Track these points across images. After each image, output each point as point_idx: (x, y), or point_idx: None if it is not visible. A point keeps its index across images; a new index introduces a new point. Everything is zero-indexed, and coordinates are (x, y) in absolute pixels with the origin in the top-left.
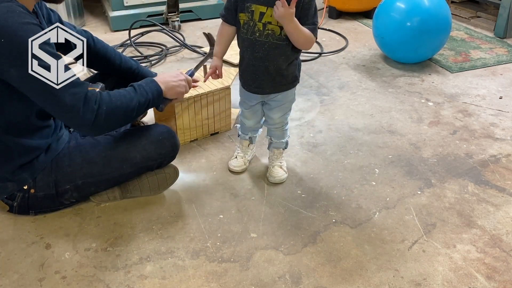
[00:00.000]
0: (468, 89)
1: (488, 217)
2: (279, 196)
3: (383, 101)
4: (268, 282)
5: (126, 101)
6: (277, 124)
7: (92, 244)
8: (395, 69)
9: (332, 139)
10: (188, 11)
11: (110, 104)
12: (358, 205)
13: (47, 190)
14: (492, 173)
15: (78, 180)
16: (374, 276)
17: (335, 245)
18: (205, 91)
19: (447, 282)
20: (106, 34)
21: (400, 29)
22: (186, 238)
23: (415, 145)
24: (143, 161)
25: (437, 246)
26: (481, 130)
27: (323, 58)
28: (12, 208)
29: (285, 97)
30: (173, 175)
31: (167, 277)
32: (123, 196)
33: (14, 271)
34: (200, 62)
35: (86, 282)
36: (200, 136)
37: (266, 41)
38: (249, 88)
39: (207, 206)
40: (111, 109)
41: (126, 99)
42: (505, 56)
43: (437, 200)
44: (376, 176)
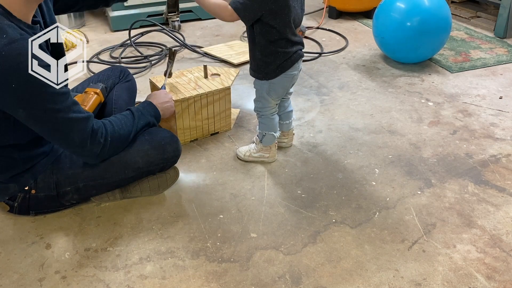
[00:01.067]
0: (468, 89)
1: (488, 217)
2: (279, 196)
3: (383, 101)
4: (268, 282)
5: (128, 129)
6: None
7: (92, 244)
8: (395, 69)
9: (332, 139)
10: (188, 11)
11: (114, 134)
12: (358, 205)
13: (48, 191)
14: (492, 173)
15: (79, 183)
16: (374, 276)
17: (335, 245)
18: (205, 91)
19: (447, 282)
20: (106, 34)
21: (400, 29)
22: (186, 238)
23: (415, 145)
24: (145, 166)
25: (437, 246)
26: (481, 130)
27: (323, 58)
28: (12, 208)
29: (255, 84)
30: (173, 175)
31: (167, 277)
32: (123, 196)
33: (14, 271)
34: (166, 71)
35: (86, 282)
36: (200, 136)
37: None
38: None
39: (207, 206)
40: (115, 139)
41: (128, 127)
42: (505, 56)
43: (437, 200)
44: (376, 176)
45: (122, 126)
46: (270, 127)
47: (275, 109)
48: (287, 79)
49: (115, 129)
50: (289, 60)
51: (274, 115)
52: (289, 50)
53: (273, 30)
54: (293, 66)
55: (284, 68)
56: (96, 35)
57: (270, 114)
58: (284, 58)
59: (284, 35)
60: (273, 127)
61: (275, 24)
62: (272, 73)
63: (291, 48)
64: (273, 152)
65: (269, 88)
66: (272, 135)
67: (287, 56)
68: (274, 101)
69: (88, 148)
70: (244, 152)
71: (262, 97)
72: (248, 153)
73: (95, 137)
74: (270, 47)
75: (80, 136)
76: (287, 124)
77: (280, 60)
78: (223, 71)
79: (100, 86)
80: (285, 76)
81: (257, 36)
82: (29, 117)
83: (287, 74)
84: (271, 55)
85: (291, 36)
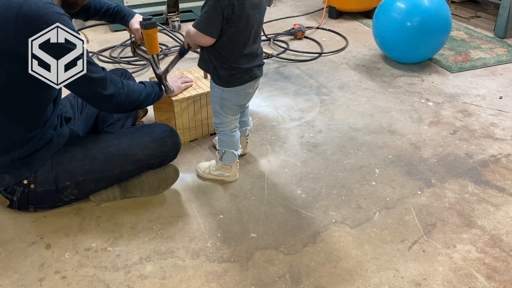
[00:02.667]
0: (468, 89)
1: (488, 217)
2: (279, 196)
3: (383, 101)
4: (268, 282)
5: (139, 89)
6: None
7: (92, 244)
8: (395, 69)
9: (332, 139)
10: (188, 11)
11: (128, 85)
12: (358, 205)
13: (47, 186)
14: (492, 173)
15: (79, 177)
16: (374, 276)
17: (335, 245)
18: (205, 91)
19: (447, 282)
20: (106, 34)
21: (400, 29)
22: (186, 238)
23: (415, 145)
24: (144, 159)
25: (437, 246)
26: (481, 130)
27: (323, 58)
28: (12, 203)
29: (211, 97)
30: (173, 175)
31: (167, 277)
32: (123, 196)
33: (14, 271)
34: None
35: (86, 282)
36: (200, 136)
37: None
38: None
39: (207, 206)
40: (130, 90)
41: (139, 87)
42: (505, 56)
43: (437, 200)
44: (376, 176)
45: (134, 85)
46: (230, 144)
47: (234, 125)
48: (239, 96)
49: (129, 83)
50: (241, 74)
51: (234, 131)
52: (238, 65)
53: (223, 37)
54: (247, 84)
55: (235, 80)
56: (96, 35)
57: (229, 130)
58: (235, 71)
59: (234, 44)
60: (233, 145)
61: (228, 30)
62: (221, 79)
63: (241, 63)
64: (233, 171)
65: (221, 103)
66: (233, 153)
67: (238, 70)
68: (232, 116)
69: (108, 84)
70: (204, 168)
71: (217, 112)
72: (208, 171)
73: (113, 79)
74: (215, 54)
75: (101, 75)
76: (242, 131)
77: (229, 72)
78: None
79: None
80: (236, 93)
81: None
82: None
83: (239, 91)
84: (219, 61)
85: (242, 48)
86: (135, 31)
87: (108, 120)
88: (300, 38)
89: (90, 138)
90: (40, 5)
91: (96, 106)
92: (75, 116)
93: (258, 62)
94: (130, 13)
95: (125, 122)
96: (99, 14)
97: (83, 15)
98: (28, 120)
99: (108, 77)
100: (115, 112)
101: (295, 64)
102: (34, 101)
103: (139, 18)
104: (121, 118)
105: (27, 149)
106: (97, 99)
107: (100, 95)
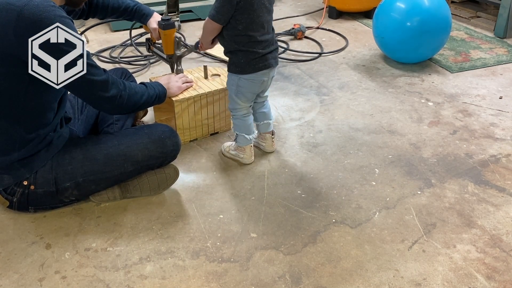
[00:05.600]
0: (468, 89)
1: (488, 217)
2: (279, 196)
3: (383, 101)
4: (268, 282)
5: (141, 90)
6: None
7: (92, 244)
8: (395, 69)
9: (332, 139)
10: (188, 11)
11: (130, 86)
12: (358, 205)
13: (47, 187)
14: (492, 173)
15: (79, 178)
16: (374, 276)
17: (335, 245)
18: (205, 91)
19: (447, 282)
20: (106, 34)
21: (400, 29)
22: (186, 238)
23: (415, 145)
24: (144, 159)
25: (437, 246)
26: (481, 130)
27: (323, 58)
28: (12, 204)
29: (227, 82)
30: (173, 175)
31: (167, 277)
32: (123, 196)
33: (14, 271)
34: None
35: (86, 282)
36: (200, 136)
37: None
38: None
39: (207, 206)
40: (132, 92)
41: (141, 88)
42: (505, 56)
43: (437, 200)
44: (376, 176)
45: (135, 86)
46: (242, 128)
47: (247, 110)
48: (254, 84)
49: (131, 85)
50: (257, 60)
51: (246, 116)
52: (255, 50)
53: (238, 26)
54: (261, 71)
55: (251, 66)
56: (96, 35)
57: (241, 115)
58: (252, 56)
59: (248, 32)
60: (246, 129)
61: (242, 19)
62: (239, 67)
63: (258, 48)
64: (248, 154)
65: (237, 90)
66: (244, 137)
67: (255, 55)
68: (244, 104)
69: (110, 86)
70: (225, 147)
71: (231, 98)
72: (228, 149)
73: (115, 81)
74: (233, 43)
75: (104, 77)
76: (264, 125)
77: (246, 58)
78: (223, 71)
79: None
80: (251, 80)
81: (223, 30)
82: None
83: (255, 79)
84: (237, 49)
85: (257, 35)
86: (152, 30)
87: (108, 120)
88: (300, 38)
89: (90, 139)
90: (41, 8)
91: (98, 108)
92: (75, 116)
93: (273, 48)
94: (149, 12)
95: (125, 122)
96: (118, 12)
97: (100, 14)
98: (28, 122)
99: (110, 79)
100: (116, 113)
101: (295, 64)
102: (34, 104)
103: (158, 17)
104: (121, 118)
105: (26, 151)
106: (99, 101)
107: (102, 97)
